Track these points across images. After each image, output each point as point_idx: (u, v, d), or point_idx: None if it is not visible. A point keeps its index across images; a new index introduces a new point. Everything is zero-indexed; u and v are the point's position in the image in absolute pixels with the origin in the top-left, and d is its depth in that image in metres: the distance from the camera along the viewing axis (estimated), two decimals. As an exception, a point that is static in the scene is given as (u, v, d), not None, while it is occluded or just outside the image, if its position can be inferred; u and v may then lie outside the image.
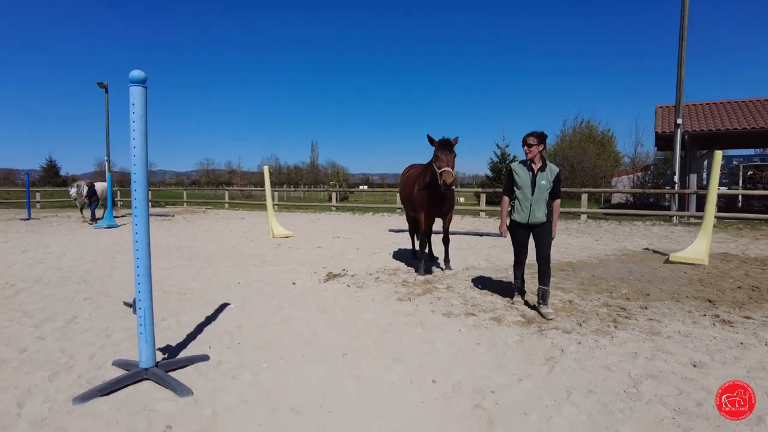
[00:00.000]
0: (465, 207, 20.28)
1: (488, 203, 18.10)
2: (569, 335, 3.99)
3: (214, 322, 4.48)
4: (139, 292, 3.13)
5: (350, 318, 4.60)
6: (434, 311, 4.78)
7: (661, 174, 26.35)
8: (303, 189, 40.24)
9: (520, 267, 4.99)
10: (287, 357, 3.58)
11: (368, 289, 5.77)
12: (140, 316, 3.12)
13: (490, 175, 31.75)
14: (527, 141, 4.56)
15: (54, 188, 33.30)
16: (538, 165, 4.59)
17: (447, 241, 6.81)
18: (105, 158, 19.51)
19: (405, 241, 9.94)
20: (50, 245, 10.01)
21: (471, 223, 14.85)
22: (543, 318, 4.50)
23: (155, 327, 3.32)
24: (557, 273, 6.64)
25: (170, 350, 3.74)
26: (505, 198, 4.84)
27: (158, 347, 3.60)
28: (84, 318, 4.65)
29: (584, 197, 15.62)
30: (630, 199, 25.08)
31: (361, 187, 44.39)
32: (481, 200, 17.76)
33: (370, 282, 6.20)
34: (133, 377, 3.09)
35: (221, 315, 4.73)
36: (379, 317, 4.60)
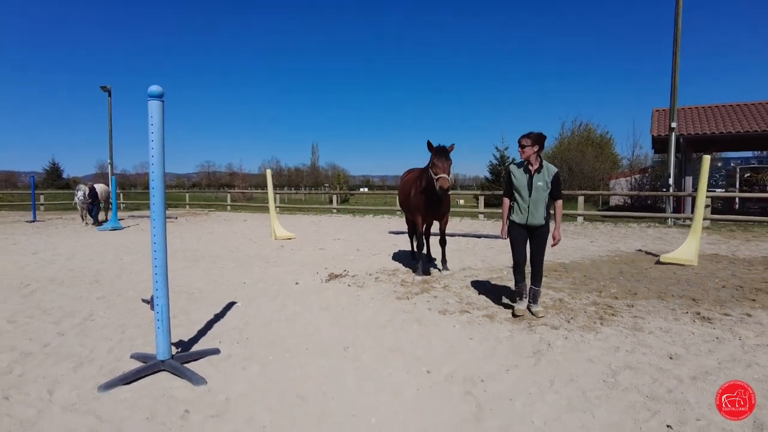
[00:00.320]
0: (464, 209, 20.53)
1: (486, 205, 18.38)
2: (557, 331, 4.26)
3: (223, 320, 4.75)
4: (157, 290, 3.40)
5: (351, 315, 4.87)
6: (431, 309, 5.05)
7: (659, 176, 26.60)
8: (304, 192, 40.51)
9: (520, 270, 4.78)
10: (293, 350, 3.84)
11: (368, 289, 6.04)
12: (158, 312, 3.38)
13: (490, 178, 32.08)
14: (521, 142, 4.59)
15: (57, 191, 33.59)
16: (535, 166, 4.56)
17: (444, 243, 7.08)
18: (107, 161, 19.81)
19: (404, 243, 10.21)
20: (59, 247, 10.28)
21: (469, 225, 15.12)
22: (533, 316, 4.71)
23: (171, 322, 3.58)
24: (550, 273, 6.90)
25: (183, 345, 4.00)
26: (505, 200, 4.83)
27: (171, 342, 3.86)
28: (99, 316, 4.91)
29: (581, 199, 15.89)
30: (628, 201, 25.35)
31: (362, 190, 44.68)
32: (480, 202, 18.03)
33: (370, 282, 6.46)
34: (152, 368, 3.35)
35: (229, 313, 4.99)
36: (379, 314, 4.86)
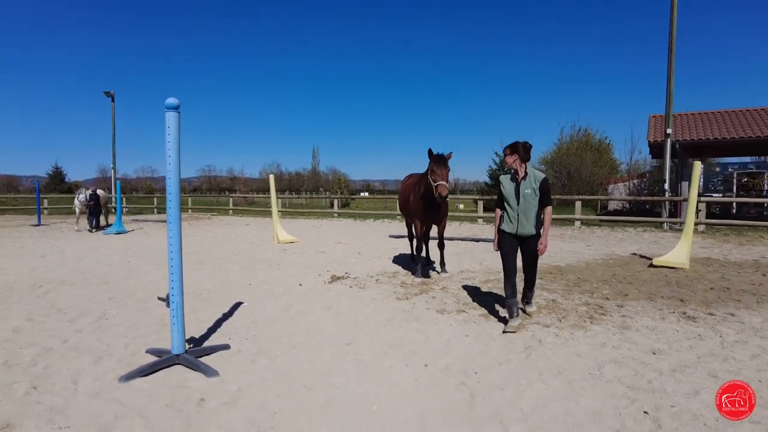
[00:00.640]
0: (463, 213, 20.79)
1: (486, 210, 18.63)
2: (548, 329, 4.49)
3: (231, 318, 4.98)
4: (172, 288, 3.64)
5: (353, 314, 5.10)
6: (429, 309, 5.28)
7: (657, 181, 26.82)
8: (305, 196, 40.80)
9: (511, 284, 4.55)
10: (298, 346, 4.08)
11: (369, 290, 6.27)
12: (173, 309, 3.62)
13: (489, 182, 32.36)
14: (504, 152, 4.64)
15: (60, 195, 33.87)
16: (521, 174, 4.52)
17: (442, 246, 7.32)
18: (109, 165, 20.07)
19: (404, 247, 10.44)
20: (65, 250, 10.52)
21: (468, 229, 15.36)
22: (525, 314, 4.95)
23: (184, 319, 3.81)
24: (545, 276, 7.13)
25: (194, 341, 4.23)
26: (497, 210, 4.74)
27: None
28: (112, 315, 5.15)
29: (578, 204, 16.13)
30: (626, 206, 25.60)
31: (363, 194, 44.96)
32: (479, 207, 18.29)
33: (371, 283, 6.70)
34: (167, 361, 3.59)
35: (236, 312, 5.23)
36: (379, 313, 5.10)
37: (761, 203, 19.05)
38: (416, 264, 7.18)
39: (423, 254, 7.54)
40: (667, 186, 15.51)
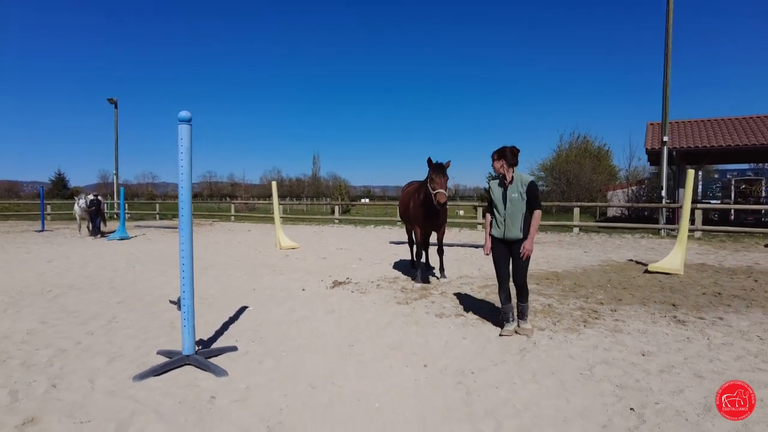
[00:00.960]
0: (463, 220, 20.95)
1: (485, 216, 18.80)
2: (543, 332, 4.66)
3: (237, 322, 5.15)
4: (184, 292, 3.81)
5: (354, 318, 5.28)
6: (428, 313, 5.45)
7: (655, 188, 27.04)
8: (306, 203, 41.00)
9: (504, 289, 4.63)
10: (303, 347, 4.25)
11: (370, 295, 6.45)
12: (184, 312, 3.80)
13: (489, 188, 32.57)
14: (492, 158, 4.65)
15: (63, 201, 34.08)
16: (509, 179, 4.53)
17: (441, 252, 7.50)
18: (110, 171, 20.29)
19: (404, 253, 10.62)
20: (71, 256, 10.70)
21: (468, 236, 15.53)
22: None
23: (194, 321, 3.99)
24: (542, 281, 7.31)
25: (203, 343, 4.40)
26: (488, 216, 4.78)
27: (193, 340, 4.26)
28: (122, 318, 5.32)
29: (576, 211, 16.33)
30: (625, 213, 25.78)
31: (363, 201, 45.21)
32: (479, 213, 18.47)
33: (372, 288, 6.87)
34: (178, 362, 3.76)
35: (242, 316, 5.40)
36: (380, 317, 5.27)
37: (759, 209, 19.24)
38: (416, 270, 7.35)
39: (423, 260, 7.71)
40: (664, 193, 15.70)
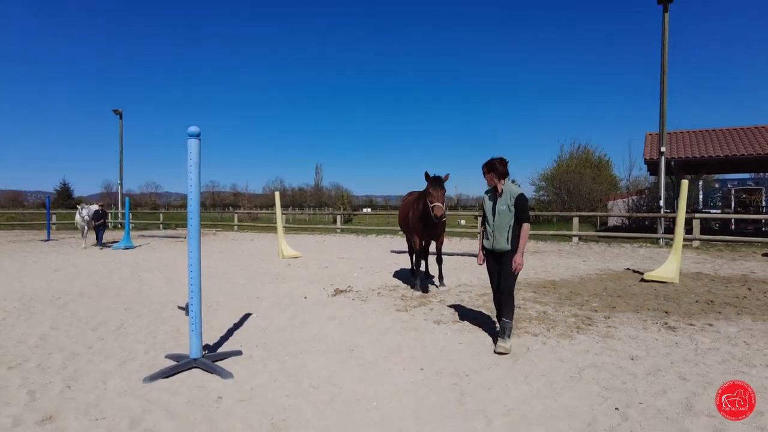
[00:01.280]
0: (464, 229, 21.12)
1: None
2: (536, 337, 4.82)
3: (242, 328, 5.34)
4: (192, 299, 4.00)
5: (355, 324, 5.45)
6: (426, 319, 5.63)
7: (656, 197, 27.17)
8: (309, 212, 41.27)
9: (497, 300, 4.67)
10: (305, 351, 4.43)
11: (370, 302, 6.62)
12: (192, 317, 3.99)
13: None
14: (482, 170, 4.65)
15: (68, 210, 34.38)
16: (499, 190, 4.54)
17: (440, 261, 7.69)
18: (114, 181, 20.58)
19: (405, 262, 10.80)
20: (77, 264, 10.92)
21: (469, 245, 15.71)
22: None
23: (201, 326, 4.18)
24: (539, 289, 7.47)
25: (209, 348, 4.58)
26: (481, 227, 4.84)
27: (200, 344, 4.44)
28: (130, 324, 5.50)
29: (575, 220, 16.50)
30: (626, 222, 25.90)
31: (365, 210, 45.47)
32: (479, 222, 18.64)
33: (372, 296, 7.05)
34: (186, 365, 3.94)
35: (246, 322, 5.58)
36: (380, 323, 5.45)
37: (758, 219, 19.35)
38: (415, 278, 7.52)
39: (422, 269, 7.89)
40: (662, 203, 15.87)
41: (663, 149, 15.70)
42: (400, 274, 9.26)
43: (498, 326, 4.72)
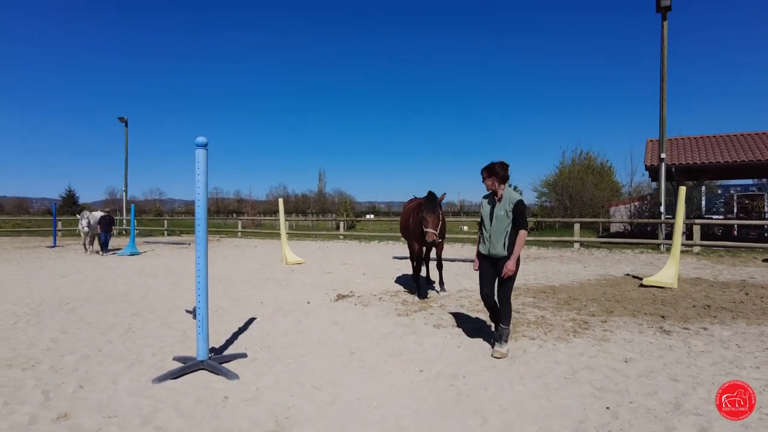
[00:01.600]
0: (466, 235, 21.25)
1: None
2: (533, 341, 4.94)
3: (246, 331, 5.48)
4: (199, 303, 4.15)
5: (357, 328, 5.59)
6: (427, 323, 5.75)
7: (657, 203, 27.23)
8: (312, 218, 41.47)
9: (489, 304, 4.64)
10: (308, 354, 4.57)
11: (372, 307, 6.75)
12: (199, 321, 4.13)
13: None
14: (482, 175, 4.59)
15: (73, 217, 34.68)
16: (499, 195, 4.50)
17: (440, 267, 7.82)
18: (117, 187, 20.82)
19: (407, 268, 10.92)
20: (84, 270, 11.09)
21: (470, 251, 15.81)
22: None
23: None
24: (538, 295, 7.58)
25: (215, 350, 4.72)
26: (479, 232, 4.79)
27: (206, 347, 4.58)
28: (138, 328, 5.65)
29: (576, 226, 16.60)
30: (628, 228, 25.96)
31: (368, 216, 45.63)
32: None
33: (374, 301, 7.18)
34: (193, 366, 4.08)
35: (251, 326, 5.72)
36: (381, 327, 5.58)
37: (761, 225, 19.40)
38: (416, 284, 7.65)
39: (423, 274, 8.02)
40: (663, 208, 15.97)
41: (663, 156, 15.82)
42: (402, 280, 9.39)
43: (495, 330, 4.73)
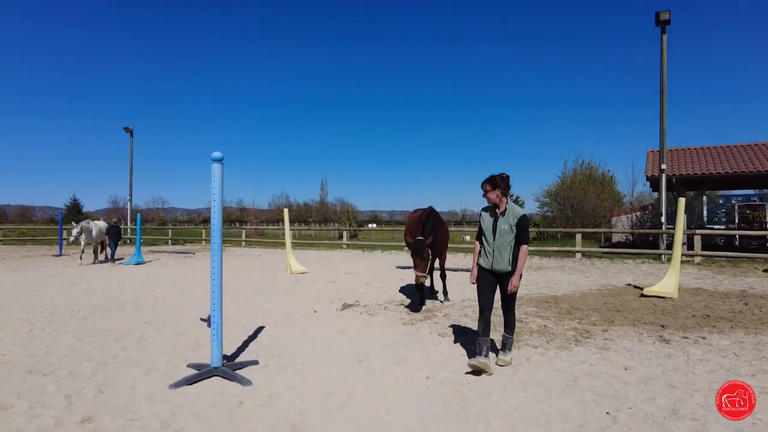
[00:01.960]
0: (468, 245, 21.38)
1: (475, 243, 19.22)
2: (536, 349, 5.08)
3: (256, 340, 5.62)
4: (214, 311, 4.32)
5: (363, 336, 5.73)
6: (431, 332, 5.89)
7: (659, 214, 27.35)
8: (315, 228, 41.65)
9: (484, 318, 4.44)
10: (318, 361, 4.71)
11: (377, 316, 6.90)
12: (213, 328, 4.29)
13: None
14: (482, 188, 4.46)
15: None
16: (501, 209, 4.43)
17: (444, 277, 7.97)
18: (121, 197, 21.04)
19: (410, 277, 11.06)
20: (92, 279, 11.27)
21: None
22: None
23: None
24: (541, 304, 7.72)
25: (227, 358, 4.87)
26: (477, 243, 4.66)
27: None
28: (150, 336, 5.80)
29: (578, 237, 16.74)
30: (629, 238, 26.06)
31: (370, 226, 45.80)
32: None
33: (379, 310, 7.33)
34: (208, 373, 4.23)
35: (260, 334, 5.87)
36: (387, 336, 5.72)
37: (763, 235, 19.47)
38: (420, 293, 7.78)
39: (427, 284, 8.15)
40: (664, 219, 16.11)
41: (663, 167, 16.00)
42: (406, 290, 9.52)
43: (480, 339, 4.46)
